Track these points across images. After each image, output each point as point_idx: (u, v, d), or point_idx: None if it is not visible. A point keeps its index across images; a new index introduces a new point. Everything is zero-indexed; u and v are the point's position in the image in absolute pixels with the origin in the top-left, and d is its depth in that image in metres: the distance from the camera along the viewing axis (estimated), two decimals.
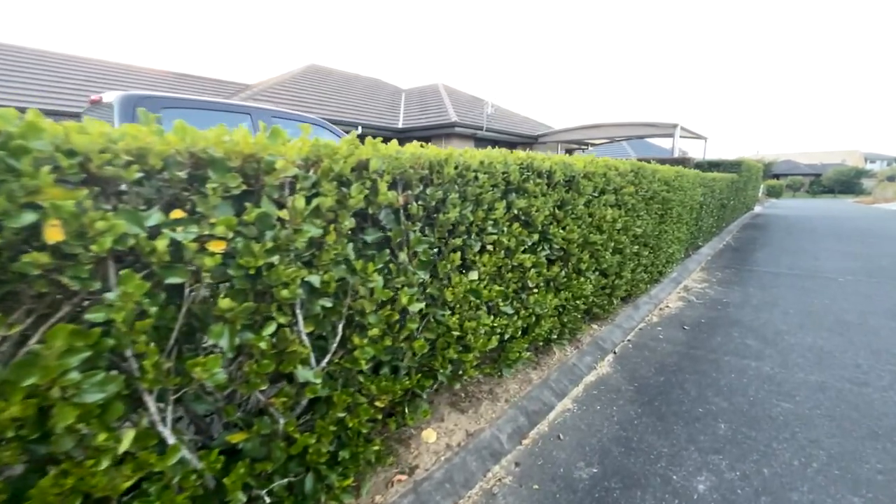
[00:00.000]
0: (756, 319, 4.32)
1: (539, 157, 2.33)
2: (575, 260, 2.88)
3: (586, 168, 2.80)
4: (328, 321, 1.44)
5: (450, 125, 10.89)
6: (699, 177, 5.70)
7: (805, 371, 3.17)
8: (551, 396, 2.83)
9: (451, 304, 1.90)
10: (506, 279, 2.23)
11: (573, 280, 2.93)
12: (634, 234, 3.76)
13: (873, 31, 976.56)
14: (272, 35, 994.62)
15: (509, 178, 2.12)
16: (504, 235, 2.12)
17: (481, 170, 1.93)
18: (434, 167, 1.69)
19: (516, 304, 2.39)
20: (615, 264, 3.55)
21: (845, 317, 4.36)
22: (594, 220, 3.01)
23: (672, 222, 4.83)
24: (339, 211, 1.35)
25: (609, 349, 3.61)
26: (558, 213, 2.58)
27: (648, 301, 4.79)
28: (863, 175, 44.03)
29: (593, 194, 2.97)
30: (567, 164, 2.59)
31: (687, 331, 4.04)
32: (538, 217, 2.33)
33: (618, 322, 4.07)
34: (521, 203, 2.17)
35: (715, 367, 3.25)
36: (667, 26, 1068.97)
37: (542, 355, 3.24)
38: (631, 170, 3.46)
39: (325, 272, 1.33)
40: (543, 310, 2.59)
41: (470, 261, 1.99)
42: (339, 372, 1.51)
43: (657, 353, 3.53)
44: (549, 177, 2.45)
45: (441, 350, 1.91)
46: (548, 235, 2.51)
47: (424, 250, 1.67)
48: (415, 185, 1.64)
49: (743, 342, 3.74)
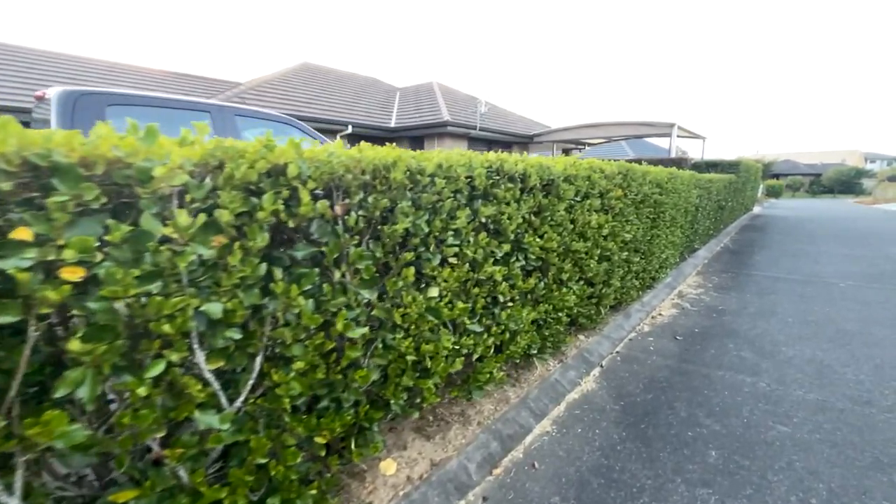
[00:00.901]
0: (753, 329, 4.10)
1: (511, 159, 2.11)
2: (555, 270, 2.66)
3: (567, 171, 2.58)
4: (242, 355, 1.23)
5: (441, 124, 10.67)
6: (694, 178, 5.49)
7: (804, 388, 2.95)
8: (529, 418, 2.62)
9: (404, 326, 1.68)
10: (472, 294, 2.01)
11: (554, 291, 2.72)
12: (623, 240, 3.54)
13: (874, 31, 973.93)
14: (275, 36, 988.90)
15: (474, 183, 1.90)
16: (469, 247, 1.91)
17: (439, 174, 1.71)
18: (378, 172, 1.48)
19: (486, 320, 2.17)
20: (602, 272, 3.34)
21: (846, 326, 4.15)
22: (577, 226, 2.79)
23: (665, 226, 4.62)
24: (249, 225, 1.14)
25: (595, 362, 3.40)
26: (534, 220, 2.36)
27: (640, 309, 4.58)
28: (863, 175, 43.79)
29: (575, 199, 2.75)
30: (544, 167, 2.37)
31: (679, 342, 3.82)
32: (510, 225, 2.12)
33: (606, 332, 3.86)
34: (489, 210, 1.95)
35: (707, 384, 3.04)
36: (667, 25, 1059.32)
37: (521, 371, 3.02)
38: (619, 172, 3.25)
39: (230, 299, 1.11)
40: (519, 325, 2.38)
41: (428, 276, 1.77)
42: (260, 412, 1.30)
43: (647, 367, 3.31)
44: (522, 181, 2.23)
45: (394, 378, 1.70)
46: (522, 245, 2.30)
47: (367, 267, 1.46)
48: (354, 192, 1.42)
49: (738, 355, 3.53)
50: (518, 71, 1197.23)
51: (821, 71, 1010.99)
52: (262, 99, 9.47)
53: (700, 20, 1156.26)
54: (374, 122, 11.68)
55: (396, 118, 12.49)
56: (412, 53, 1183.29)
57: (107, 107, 2.67)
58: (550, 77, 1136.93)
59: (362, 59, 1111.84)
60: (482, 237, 1.94)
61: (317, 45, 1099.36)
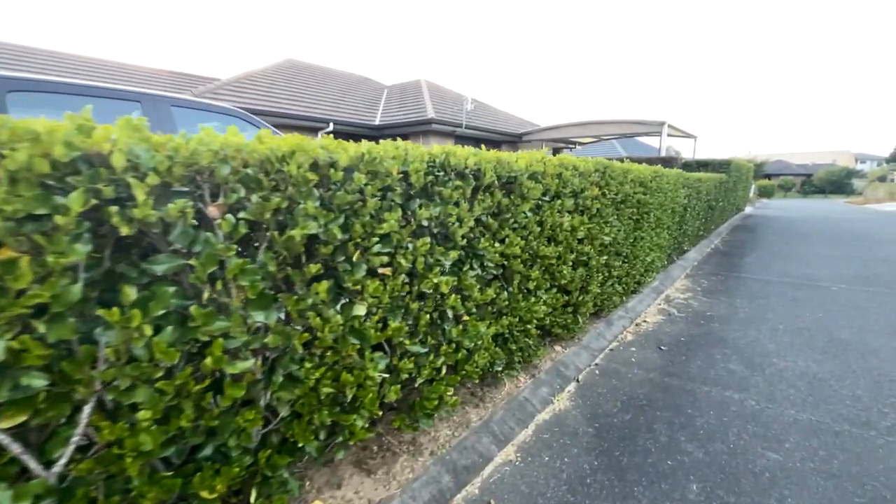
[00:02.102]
0: (742, 337, 3.84)
1: (461, 153, 1.82)
2: (520, 278, 2.38)
3: (532, 167, 2.29)
4: (59, 405, 0.92)
5: (425, 122, 10.36)
6: (682, 177, 5.23)
7: (796, 406, 2.69)
8: (491, 444, 2.33)
9: (315, 353, 1.39)
10: (412, 310, 1.72)
11: (520, 302, 2.43)
12: (602, 242, 3.27)
13: (865, 32, 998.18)
14: (274, 36, 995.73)
15: (411, 180, 1.61)
16: (405, 254, 1.61)
17: (360, 168, 1.42)
18: (268, 165, 1.18)
19: (432, 339, 1.88)
20: (578, 279, 3.06)
21: (840, 334, 3.90)
22: (546, 229, 2.51)
23: (650, 228, 4.35)
24: (53, 234, 0.83)
25: (571, 377, 3.11)
26: (492, 222, 2.07)
27: (624, 315, 4.31)
28: (854, 175, 44.07)
29: (543, 199, 2.46)
30: (503, 162, 2.08)
31: (664, 352, 3.56)
32: (459, 229, 1.82)
33: (586, 342, 3.58)
34: (427, 213, 1.66)
35: (692, 401, 2.77)
36: (660, 24, 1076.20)
37: (487, 389, 2.74)
38: (595, 169, 2.97)
39: (18, 333, 0.81)
40: (477, 342, 2.09)
41: (351, 291, 1.48)
42: (97, 476, 0.99)
43: (627, 382, 3.04)
44: (476, 177, 1.94)
45: (307, 415, 1.40)
46: (477, 251, 2.00)
47: (253, 283, 1.16)
48: (232, 191, 1.12)
49: (726, 367, 3.27)
50: (512, 70, 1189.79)
51: (812, 72, 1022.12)
52: (240, 95, 9.13)
53: (694, 19, 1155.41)
54: (358, 120, 11.36)
55: (382, 116, 12.17)
56: (408, 53, 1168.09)
57: (7, 93, 2.34)
58: (544, 76, 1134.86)
59: (360, 59, 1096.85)
60: (422, 243, 1.65)
61: (316, 44, 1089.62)
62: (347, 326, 1.46)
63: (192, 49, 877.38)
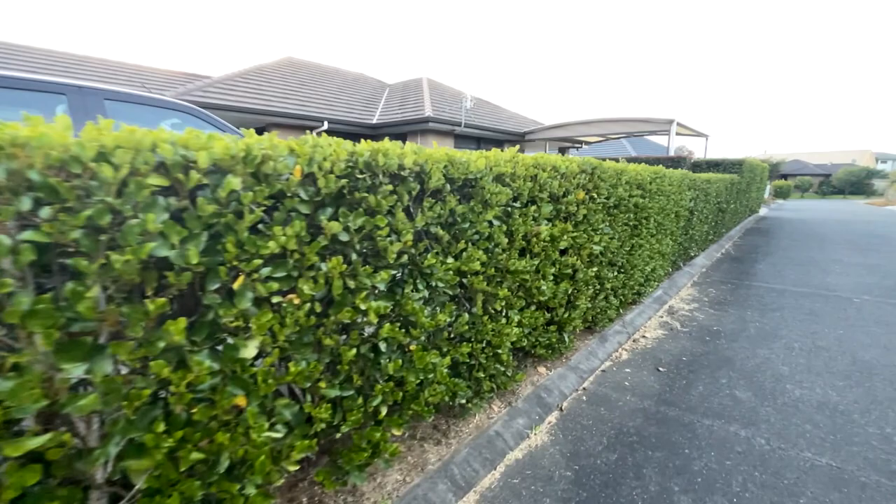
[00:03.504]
0: (751, 358, 3.44)
1: (394, 150, 1.48)
2: (483, 298, 2.03)
3: (498, 168, 1.94)
4: None
5: (423, 120, 10.02)
6: (687, 178, 4.81)
7: (814, 448, 2.30)
8: (448, 492, 1.98)
9: (176, 411, 1.06)
10: (328, 347, 1.39)
11: (486, 325, 2.09)
12: (591, 253, 2.90)
13: (886, 29, 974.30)
14: (284, 38, 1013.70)
15: (319, 184, 1.27)
16: (313, 278, 1.28)
17: (237, 170, 1.09)
18: (75, 165, 0.86)
19: (361, 378, 1.55)
20: (562, 294, 2.70)
21: (864, 355, 3.47)
22: (517, 240, 2.15)
23: (649, 234, 3.95)
24: None
25: (554, 405, 2.75)
26: (443, 234, 1.73)
27: (621, 330, 3.92)
28: (874, 175, 42.60)
29: (513, 205, 2.11)
30: (457, 162, 1.74)
31: (662, 374, 3.17)
32: (393, 244, 1.49)
33: (574, 362, 3.21)
34: (341, 226, 1.32)
35: (690, 439, 2.39)
36: (672, 21, 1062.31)
37: (453, 421, 2.40)
38: (580, 170, 2.60)
39: None
40: (426, 375, 1.75)
41: (230, 327, 1.15)
42: None
43: (617, 412, 2.67)
44: (420, 180, 1.60)
45: (166, 490, 1.08)
46: (422, 269, 1.66)
47: (48, 328, 0.84)
48: (5, 202, 0.80)
49: (732, 394, 2.88)
50: (521, 68, 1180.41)
51: (831, 69, 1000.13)
52: (229, 93, 8.89)
53: (707, 15, 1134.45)
54: (355, 119, 11.07)
55: (380, 115, 11.87)
56: (418, 52, 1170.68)
57: None
58: (552, 74, 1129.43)
59: (371, 59, 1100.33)
60: (336, 263, 1.31)
61: (327, 46, 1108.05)
62: (226, 373, 1.13)
63: (201, 50, 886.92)
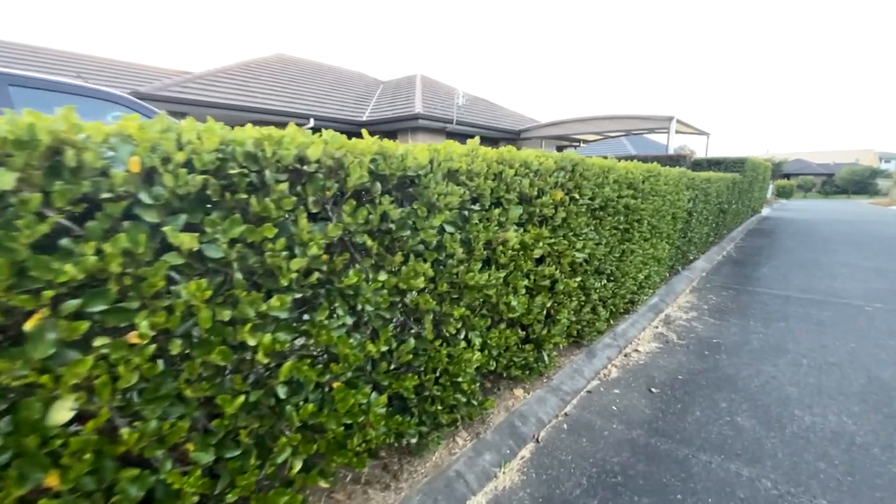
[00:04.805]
0: (755, 376, 3.09)
1: (291, 138, 1.14)
2: (433, 320, 1.69)
3: (448, 163, 1.60)
4: None
5: (412, 117, 9.66)
6: (685, 177, 4.45)
7: (829, 493, 1.95)
8: None
9: None
10: (192, 400, 1.05)
11: (439, 351, 1.75)
12: (573, 261, 2.55)
13: (889, 28, 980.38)
14: (285, 36, 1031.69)
15: (164, 181, 0.93)
16: (159, 309, 0.94)
17: (5, 159, 0.75)
18: None
19: (251, 435, 1.20)
20: (538, 309, 2.35)
21: (881, 372, 3.12)
22: (477, 249, 1.81)
23: (642, 238, 3.60)
24: None
25: (529, 435, 2.41)
26: (371, 244, 1.38)
27: (611, 343, 3.58)
28: (878, 175, 42.12)
29: (471, 207, 1.77)
30: (390, 156, 1.39)
31: (654, 397, 2.83)
32: (292, 261, 1.15)
33: (556, 382, 2.86)
34: (193, 241, 0.98)
35: (684, 479, 2.05)
36: (674, 19, 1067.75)
37: (407, 460, 2.05)
38: (559, 167, 2.25)
39: None
40: (354, 418, 1.41)
41: (21, 385, 0.81)
42: None
43: (600, 444, 2.33)
44: (336, 178, 1.26)
45: None
46: (342, 290, 1.32)
47: None
48: None
49: (733, 421, 2.53)
50: (520, 65, 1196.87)
51: (834, 68, 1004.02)
52: (211, 89, 8.55)
53: (710, 13, 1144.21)
54: (344, 116, 10.72)
55: (371, 112, 11.51)
56: (417, 50, 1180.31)
57: None
58: (555, 73, 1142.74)
59: (371, 58, 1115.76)
60: (195, 288, 0.97)
61: (327, 44, 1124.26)
62: (21, 446, 0.79)
63: (201, 50, 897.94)
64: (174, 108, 7.14)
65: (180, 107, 7.20)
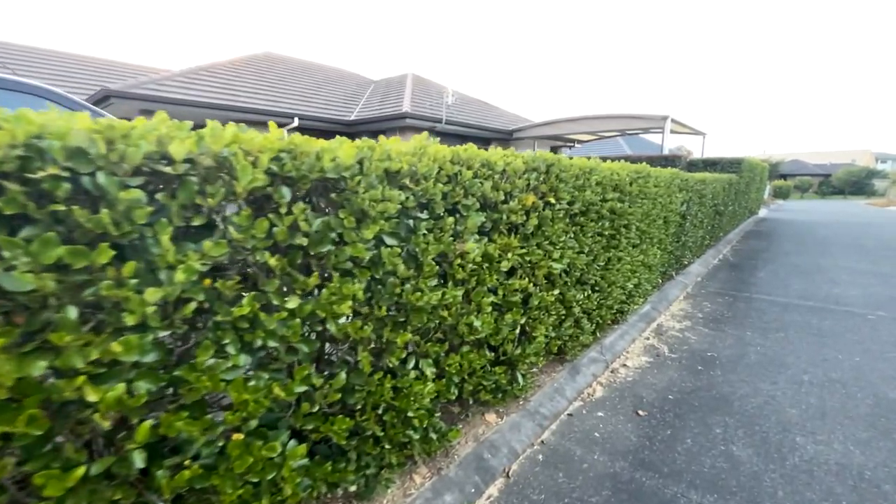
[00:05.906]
0: (752, 396, 2.83)
1: (145, 131, 0.87)
2: (370, 350, 1.42)
3: (383, 163, 1.33)
4: None
5: (400, 116, 9.38)
6: (678, 178, 4.20)
7: None
8: None
9: None
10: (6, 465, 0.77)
11: (383, 385, 1.48)
12: (549, 272, 2.28)
13: (886, 28, 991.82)
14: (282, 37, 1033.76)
15: None
16: None
17: None
18: None
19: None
20: (508, 327, 2.09)
21: (890, 392, 2.87)
22: (426, 263, 1.54)
23: (630, 245, 3.34)
24: None
25: (498, 469, 2.14)
26: (275, 263, 1.11)
27: (598, 357, 3.31)
28: (874, 175, 42.07)
29: (417, 215, 1.50)
30: (300, 152, 1.12)
31: (641, 421, 2.56)
32: (145, 294, 0.87)
33: (534, 405, 2.59)
34: None
35: None
36: (670, 19, 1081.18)
37: (356, 502, 1.78)
38: (530, 167, 1.98)
39: None
40: (261, 477, 1.14)
41: None
42: None
43: (578, 480, 2.06)
44: (220, 180, 0.99)
45: None
46: (233, 323, 1.05)
47: None
48: None
49: (728, 451, 2.27)
50: (518, 66, 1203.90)
51: (830, 69, 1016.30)
52: (190, 87, 8.24)
53: (706, 13, 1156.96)
54: (331, 115, 10.43)
55: (359, 111, 11.23)
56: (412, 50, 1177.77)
57: None
58: (550, 73, 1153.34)
59: (367, 58, 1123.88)
60: None
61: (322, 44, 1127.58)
62: None
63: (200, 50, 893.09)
64: (148, 106, 6.84)
65: (154, 105, 6.89)
